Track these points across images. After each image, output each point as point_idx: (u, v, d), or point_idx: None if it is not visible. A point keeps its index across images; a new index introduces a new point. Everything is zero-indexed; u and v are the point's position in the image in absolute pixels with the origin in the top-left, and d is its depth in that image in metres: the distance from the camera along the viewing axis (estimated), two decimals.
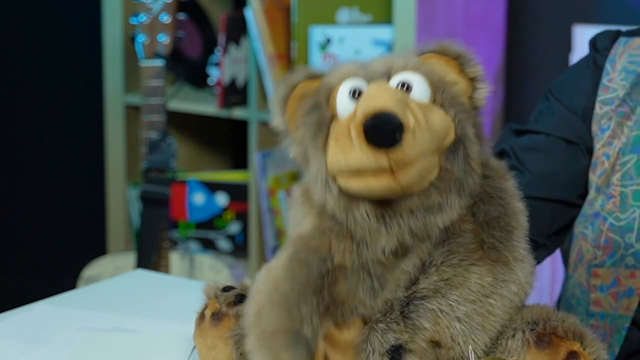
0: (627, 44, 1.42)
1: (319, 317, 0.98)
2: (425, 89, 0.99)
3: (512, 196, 1.05)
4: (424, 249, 1.01)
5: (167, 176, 2.35)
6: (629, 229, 1.36)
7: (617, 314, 1.37)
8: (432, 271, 0.99)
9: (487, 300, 0.99)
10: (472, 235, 1.01)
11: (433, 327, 0.98)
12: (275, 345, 0.97)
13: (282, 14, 2.60)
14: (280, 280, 0.99)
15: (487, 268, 1.00)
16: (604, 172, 1.39)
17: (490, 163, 1.05)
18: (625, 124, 1.39)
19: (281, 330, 0.97)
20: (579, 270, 1.42)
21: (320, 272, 0.99)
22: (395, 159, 0.93)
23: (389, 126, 0.93)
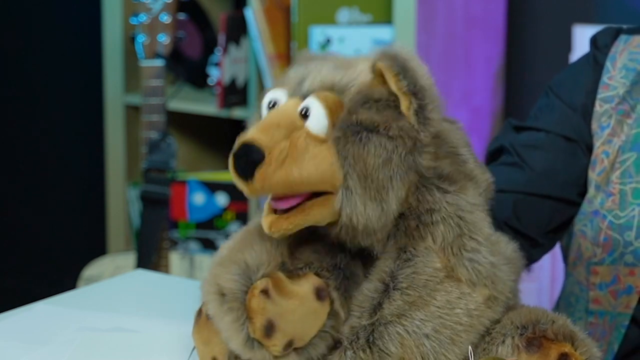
0: (627, 42, 1.42)
1: (269, 257, 1.02)
2: (322, 120, 1.00)
3: (471, 211, 1.03)
4: (385, 269, 1.01)
5: (167, 176, 2.35)
6: (628, 226, 1.36)
7: (616, 311, 1.37)
8: (397, 295, 1.00)
9: (453, 312, 0.99)
10: (436, 254, 1.01)
11: (401, 350, 0.98)
12: (218, 272, 1.02)
13: (282, 14, 2.60)
14: (251, 229, 1.06)
15: (453, 284, 1.00)
16: (603, 170, 1.39)
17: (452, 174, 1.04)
18: (625, 121, 1.39)
19: (229, 258, 1.02)
20: (578, 268, 1.42)
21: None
22: (252, 190, 0.99)
23: (243, 159, 0.99)
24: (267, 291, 0.99)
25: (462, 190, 1.03)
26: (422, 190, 1.02)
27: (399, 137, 0.99)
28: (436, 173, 1.03)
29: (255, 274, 1.00)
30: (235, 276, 1.01)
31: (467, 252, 1.01)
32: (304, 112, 1.01)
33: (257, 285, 1.00)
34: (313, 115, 1.00)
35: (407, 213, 1.02)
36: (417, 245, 1.01)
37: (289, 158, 0.98)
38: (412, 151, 1.00)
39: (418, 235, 1.02)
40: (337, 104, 1.00)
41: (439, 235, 1.01)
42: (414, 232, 1.02)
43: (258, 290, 0.99)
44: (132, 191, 2.91)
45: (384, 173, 0.98)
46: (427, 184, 1.02)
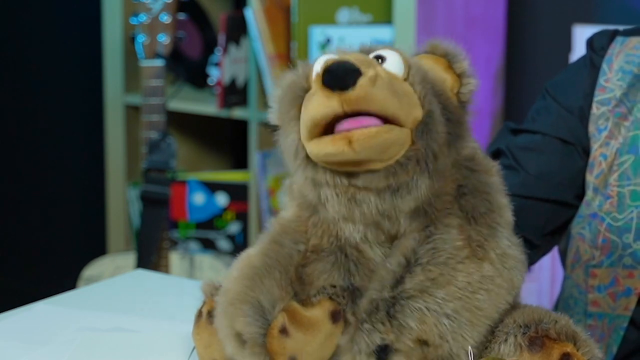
0: (623, 44, 1.42)
1: (280, 291, 1.00)
2: (399, 64, 0.99)
3: (498, 191, 1.05)
4: (407, 245, 1.00)
5: (167, 176, 2.35)
6: (626, 229, 1.36)
7: (615, 314, 1.37)
8: (418, 270, 0.99)
9: (474, 296, 0.99)
10: (458, 232, 1.01)
11: (419, 326, 0.97)
12: (233, 313, 1.01)
13: (282, 14, 2.60)
14: (253, 256, 1.03)
15: (474, 266, 1.00)
16: (601, 173, 1.39)
17: (477, 158, 1.05)
18: (623, 124, 1.39)
19: (241, 298, 1.00)
20: (577, 271, 1.42)
21: (290, 252, 1.02)
22: (347, 100, 0.93)
23: (342, 69, 0.93)
24: (285, 329, 0.98)
25: (488, 172, 1.05)
26: (453, 171, 1.03)
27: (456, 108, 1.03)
28: (464, 156, 1.05)
29: (271, 314, 0.99)
30: (251, 319, 0.99)
31: (498, 227, 1.02)
32: (377, 58, 0.99)
33: (274, 325, 0.99)
34: (389, 60, 0.99)
35: (440, 192, 1.02)
36: (439, 222, 1.01)
37: (383, 78, 0.95)
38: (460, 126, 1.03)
39: (445, 211, 1.01)
40: (407, 60, 1.00)
41: (468, 205, 1.01)
42: (443, 208, 1.01)
43: (276, 330, 0.98)
44: (132, 191, 2.91)
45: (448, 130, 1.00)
46: (457, 164, 1.03)
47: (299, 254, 1.03)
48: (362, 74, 0.93)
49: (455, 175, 1.03)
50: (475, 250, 1.00)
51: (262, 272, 1.01)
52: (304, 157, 0.98)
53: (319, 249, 1.03)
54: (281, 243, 1.03)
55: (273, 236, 1.04)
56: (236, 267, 1.04)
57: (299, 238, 1.03)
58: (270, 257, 1.02)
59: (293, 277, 1.01)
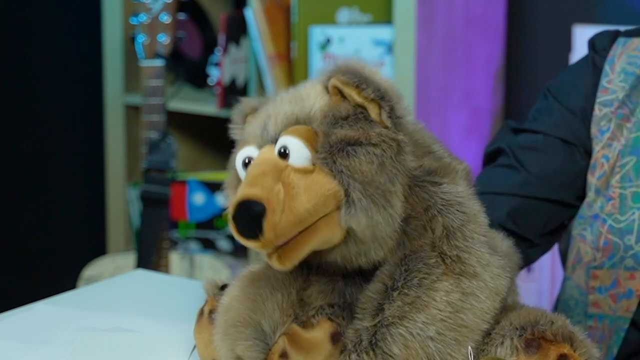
0: (625, 45, 1.42)
1: (281, 314, 1.01)
2: (304, 152, 0.99)
3: (468, 199, 1.03)
4: (385, 272, 1.00)
5: (167, 176, 2.35)
6: (628, 230, 1.36)
7: (616, 315, 1.37)
8: (395, 295, 0.99)
9: (457, 316, 0.98)
10: (430, 249, 1.00)
11: (404, 351, 0.97)
12: (234, 336, 1.02)
13: (282, 14, 2.60)
14: (257, 276, 1.05)
15: (452, 283, 0.99)
16: (603, 174, 1.39)
17: (439, 168, 1.04)
18: (625, 125, 1.39)
19: (242, 322, 1.01)
20: (578, 272, 1.42)
21: (295, 274, 1.03)
22: (266, 244, 0.96)
23: (246, 219, 0.96)
24: (286, 353, 0.99)
25: (454, 182, 1.03)
26: (416, 190, 1.02)
27: (383, 142, 0.99)
28: (424, 171, 1.03)
29: (271, 338, 1.00)
30: (252, 343, 1.00)
31: (475, 236, 1.01)
32: (282, 151, 1.00)
33: (275, 350, 0.99)
34: (293, 151, 0.99)
35: (408, 217, 1.01)
36: (414, 244, 1.00)
37: (288, 198, 0.96)
38: (398, 153, 1.00)
39: (419, 235, 1.01)
40: (310, 133, 1.00)
41: (438, 226, 1.00)
42: (417, 233, 1.01)
43: (277, 356, 0.99)
44: (132, 191, 2.90)
45: (382, 177, 0.98)
46: (418, 182, 1.02)
47: (302, 276, 1.04)
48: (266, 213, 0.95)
49: (421, 195, 1.02)
50: (451, 266, 0.99)
51: (265, 294, 1.02)
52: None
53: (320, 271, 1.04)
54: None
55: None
56: (239, 285, 1.05)
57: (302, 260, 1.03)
58: (274, 278, 1.04)
59: (295, 300, 1.02)
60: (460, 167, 1.06)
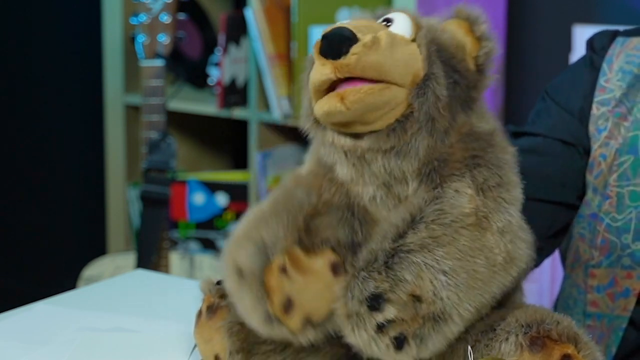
0: (624, 44, 1.42)
1: (285, 232, 1.02)
2: (407, 26, 1.02)
3: (510, 169, 1.06)
4: (414, 203, 1.01)
5: (167, 176, 2.35)
6: (625, 229, 1.36)
7: (614, 314, 1.37)
8: (422, 227, 0.99)
9: (473, 260, 0.99)
10: (468, 200, 1.01)
11: (415, 281, 0.97)
12: (236, 248, 1.03)
13: (282, 14, 2.60)
14: (263, 204, 1.06)
15: (477, 234, 1.00)
16: (600, 173, 1.39)
17: (496, 135, 1.07)
18: (622, 124, 1.39)
19: (246, 235, 1.03)
20: (576, 271, 1.42)
21: (301, 202, 1.05)
22: (339, 67, 0.97)
23: (336, 37, 0.97)
24: (284, 268, 1.00)
25: (504, 151, 1.07)
26: (469, 140, 1.04)
27: (468, 72, 1.05)
28: (483, 130, 1.06)
29: (272, 251, 1.01)
30: (253, 254, 1.01)
31: (504, 202, 1.02)
32: (385, 21, 1.02)
33: (275, 263, 1.00)
34: (397, 22, 1.02)
35: (450, 159, 1.03)
36: (449, 186, 1.01)
37: (380, 43, 0.98)
38: (472, 90, 1.05)
39: (455, 176, 1.02)
40: (416, 22, 1.03)
41: (480, 176, 1.02)
42: (452, 172, 1.02)
43: (276, 267, 1.00)
44: (132, 191, 2.91)
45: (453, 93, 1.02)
46: (475, 135, 1.05)
47: (310, 205, 1.05)
48: (358, 40, 0.97)
49: (472, 144, 1.04)
50: (480, 219, 1.00)
51: (269, 214, 1.04)
52: (313, 121, 1.03)
53: (329, 203, 1.05)
54: (293, 193, 1.06)
55: (286, 187, 1.07)
56: (246, 215, 1.06)
57: (312, 191, 1.06)
58: (279, 203, 1.05)
59: (300, 226, 1.03)
60: (509, 146, 1.09)
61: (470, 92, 1.04)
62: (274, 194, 1.07)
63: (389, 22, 1.02)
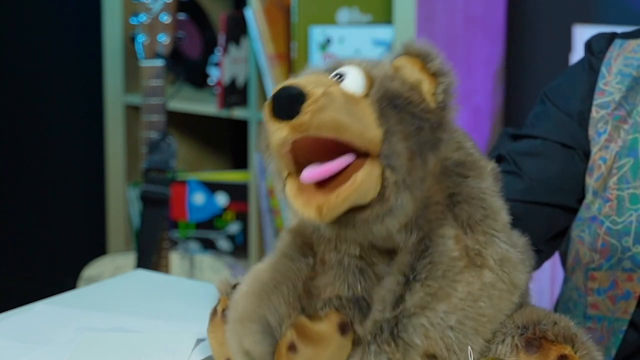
0: (622, 47, 1.42)
1: (287, 307, 1.00)
2: (359, 80, 0.98)
3: (492, 195, 1.04)
4: (404, 262, 1.00)
5: (167, 176, 2.35)
6: (625, 232, 1.36)
7: (614, 316, 1.37)
8: (417, 287, 0.98)
9: (476, 305, 0.98)
10: (454, 242, 1.00)
11: (425, 342, 0.97)
12: (241, 331, 1.01)
13: (282, 14, 2.60)
14: (263, 271, 1.03)
15: (474, 274, 0.99)
16: (600, 176, 1.39)
17: (467, 162, 1.04)
18: (622, 127, 1.39)
19: (249, 316, 1.01)
20: (576, 274, 1.42)
21: (300, 266, 1.03)
22: (296, 127, 0.93)
23: (286, 96, 0.93)
24: (294, 346, 0.98)
25: (480, 177, 1.04)
26: (442, 178, 1.02)
27: (430, 112, 0.99)
28: (453, 162, 1.03)
29: (278, 332, 0.99)
30: (259, 337, 1.00)
31: (494, 233, 1.01)
32: (337, 77, 0.99)
33: (282, 343, 0.99)
34: (349, 77, 0.98)
35: (429, 202, 1.01)
36: (434, 233, 1.00)
37: (333, 100, 0.94)
38: (438, 129, 1.00)
39: (439, 222, 1.00)
40: (369, 73, 0.99)
41: (463, 214, 1.01)
42: (436, 218, 1.01)
43: (284, 348, 0.98)
44: (132, 191, 2.91)
45: (419, 140, 0.97)
46: (446, 171, 1.02)
47: (308, 267, 1.03)
48: (307, 97, 0.93)
49: (446, 182, 1.02)
50: (473, 258, 0.99)
51: (269, 288, 1.01)
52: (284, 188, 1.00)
53: (324, 261, 1.03)
54: (291, 257, 1.03)
55: (283, 249, 1.04)
56: (246, 281, 1.04)
57: (308, 251, 1.03)
58: (279, 271, 1.03)
59: (301, 292, 1.01)
60: (488, 165, 1.06)
61: (435, 133, 1.00)
62: (273, 257, 1.05)
63: (340, 77, 0.98)
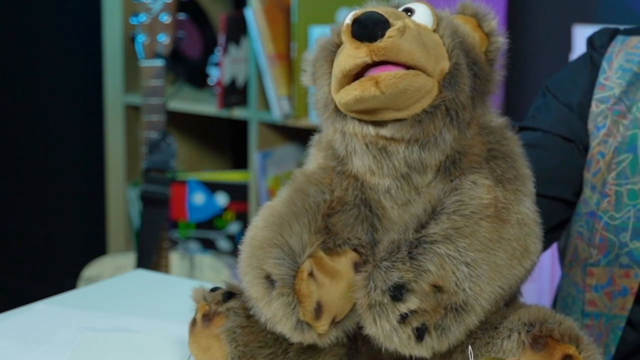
0: (624, 43, 1.43)
1: (310, 235, 1.01)
2: (428, 16, 1.02)
3: (523, 162, 1.08)
4: (433, 194, 1.01)
5: (167, 176, 2.35)
6: (623, 228, 1.36)
7: (611, 313, 1.37)
8: (444, 218, 0.99)
9: (494, 253, 0.99)
10: (486, 191, 1.01)
11: (438, 271, 0.97)
12: (261, 256, 1.01)
13: (282, 14, 2.60)
14: (278, 206, 1.04)
15: (496, 225, 1.00)
16: (598, 171, 1.39)
17: (507, 132, 1.08)
18: (621, 122, 1.39)
19: (270, 242, 1.01)
20: (575, 269, 1.42)
21: (317, 201, 1.04)
22: (375, 50, 0.96)
23: (370, 20, 0.96)
24: (312, 273, 1.00)
25: (517, 144, 1.09)
26: (484, 133, 1.05)
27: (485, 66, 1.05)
28: (496, 124, 1.08)
29: (300, 257, 1.00)
30: (282, 260, 1.00)
31: (522, 195, 1.04)
32: (407, 11, 1.02)
33: (304, 268, 1.00)
34: (418, 12, 1.02)
35: (468, 152, 1.04)
36: (466, 178, 1.02)
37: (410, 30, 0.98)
38: (488, 83, 1.06)
39: (473, 168, 1.03)
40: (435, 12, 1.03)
41: (498, 169, 1.03)
42: (468, 166, 1.03)
43: (306, 273, 1.00)
44: (132, 191, 2.91)
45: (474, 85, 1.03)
46: (489, 128, 1.06)
47: (325, 203, 1.04)
48: (391, 25, 0.96)
49: (488, 137, 1.05)
50: (500, 211, 1.01)
51: (290, 218, 1.03)
52: (333, 109, 1.02)
53: (343, 201, 1.04)
54: (307, 192, 1.04)
55: (298, 186, 1.06)
56: (261, 216, 1.05)
57: (324, 188, 1.05)
58: (297, 205, 1.04)
59: (321, 226, 1.03)
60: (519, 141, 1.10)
61: (485, 86, 1.05)
62: (287, 193, 1.06)
63: (409, 11, 1.02)
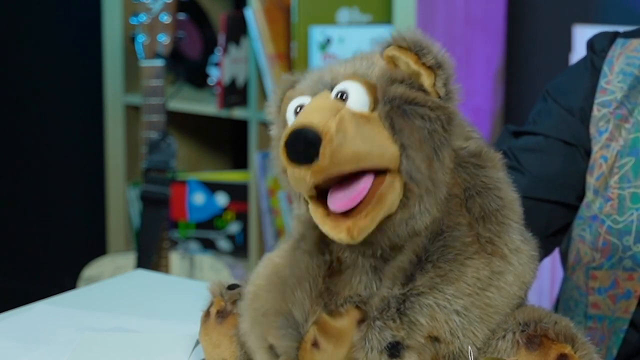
0: (624, 46, 1.42)
1: (311, 303, 1.00)
2: (363, 97, 0.97)
3: (507, 185, 1.04)
4: (418, 243, 1.00)
5: (167, 176, 2.35)
6: (626, 231, 1.36)
7: (615, 316, 1.37)
8: (429, 267, 0.98)
9: (484, 293, 0.98)
10: (467, 229, 1.00)
11: (430, 323, 0.97)
12: (265, 325, 1.01)
13: (282, 14, 2.60)
14: (281, 266, 1.03)
15: (483, 262, 0.99)
16: (601, 175, 1.39)
17: (483, 153, 1.04)
18: (623, 126, 1.39)
19: (273, 311, 1.01)
20: (577, 273, 1.42)
21: (320, 263, 1.02)
22: (317, 172, 0.93)
23: (301, 142, 0.92)
24: (316, 342, 0.99)
25: (495, 167, 1.04)
26: (459, 170, 1.02)
27: (438, 109, 0.98)
28: (468, 152, 1.03)
29: (304, 327, 1.00)
30: (284, 332, 1.00)
31: (511, 223, 1.01)
32: (340, 95, 0.98)
33: (307, 339, 0.99)
34: (353, 95, 0.97)
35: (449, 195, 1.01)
36: (449, 220, 1.00)
37: (347, 132, 0.94)
38: (448, 123, 0.99)
39: (456, 213, 1.01)
40: (369, 84, 0.98)
41: (476, 207, 1.01)
42: (454, 211, 1.01)
43: (309, 344, 0.99)
44: (132, 191, 2.91)
45: (434, 143, 0.97)
46: (461, 162, 1.02)
47: (326, 264, 1.02)
48: (322, 138, 0.92)
49: (462, 175, 1.02)
50: (484, 245, 1.00)
51: (292, 283, 1.01)
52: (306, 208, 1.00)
53: (340, 260, 1.03)
54: (309, 253, 1.03)
55: (301, 244, 1.04)
56: (262, 274, 1.04)
57: (325, 248, 1.03)
58: (299, 267, 1.02)
59: (322, 288, 1.01)
60: (497, 156, 1.06)
61: (447, 129, 0.99)
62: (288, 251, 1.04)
63: (343, 95, 0.97)
